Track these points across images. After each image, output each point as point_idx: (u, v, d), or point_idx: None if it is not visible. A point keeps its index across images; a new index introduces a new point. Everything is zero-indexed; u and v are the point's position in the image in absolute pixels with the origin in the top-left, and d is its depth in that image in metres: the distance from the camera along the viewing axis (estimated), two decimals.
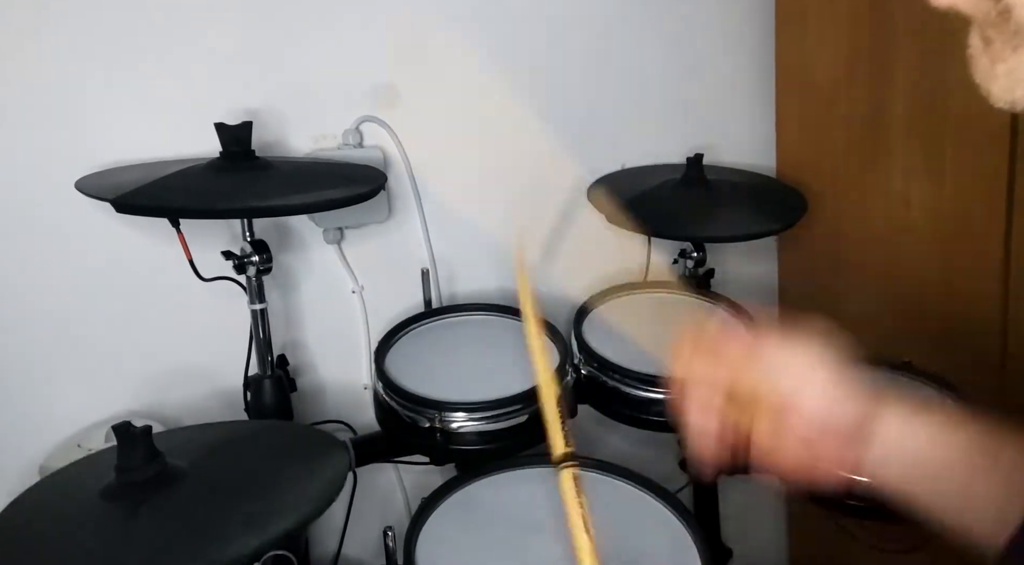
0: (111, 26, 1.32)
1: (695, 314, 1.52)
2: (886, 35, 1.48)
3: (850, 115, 1.58)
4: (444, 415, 1.23)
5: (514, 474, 1.24)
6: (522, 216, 1.65)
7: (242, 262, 1.30)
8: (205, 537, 0.88)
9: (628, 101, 1.68)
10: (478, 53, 1.55)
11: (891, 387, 0.72)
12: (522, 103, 1.60)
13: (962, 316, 1.47)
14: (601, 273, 1.72)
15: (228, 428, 1.22)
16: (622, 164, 1.69)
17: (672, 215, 1.50)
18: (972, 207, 1.41)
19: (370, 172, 1.37)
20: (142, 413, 1.39)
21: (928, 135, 1.45)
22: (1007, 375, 1.41)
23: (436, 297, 1.59)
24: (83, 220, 1.32)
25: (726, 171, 1.69)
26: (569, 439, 0.76)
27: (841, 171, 1.63)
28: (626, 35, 1.65)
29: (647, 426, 1.34)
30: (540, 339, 0.87)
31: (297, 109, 1.45)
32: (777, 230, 1.60)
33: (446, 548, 1.08)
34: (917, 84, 1.45)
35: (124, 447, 0.94)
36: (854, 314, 1.68)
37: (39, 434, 1.35)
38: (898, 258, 1.55)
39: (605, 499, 1.20)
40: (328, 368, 1.56)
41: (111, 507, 0.93)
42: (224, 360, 1.41)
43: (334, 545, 1.50)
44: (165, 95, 1.37)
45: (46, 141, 1.31)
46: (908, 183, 1.50)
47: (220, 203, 1.20)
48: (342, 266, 1.54)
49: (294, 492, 0.97)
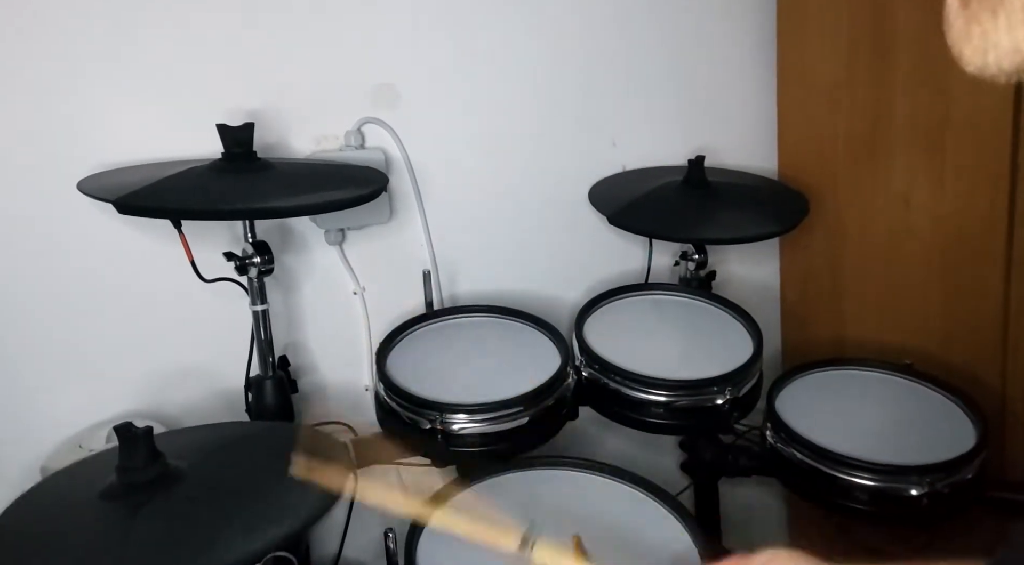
0: (112, 26, 1.32)
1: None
2: (887, 36, 1.48)
3: (851, 116, 1.58)
4: (445, 417, 1.23)
5: (515, 476, 1.24)
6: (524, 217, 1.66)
7: (244, 263, 1.30)
8: (206, 538, 0.89)
9: (629, 103, 1.68)
10: (479, 54, 1.56)
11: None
12: (523, 105, 1.61)
13: (963, 317, 1.47)
14: (602, 275, 1.72)
15: (229, 429, 1.22)
16: (623, 166, 1.69)
17: (673, 217, 1.50)
18: (973, 208, 1.41)
19: (372, 174, 1.37)
20: (143, 414, 1.39)
21: (929, 137, 1.45)
22: (1008, 375, 1.41)
23: (437, 298, 1.59)
24: (85, 221, 1.32)
25: (727, 173, 1.69)
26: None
27: (842, 173, 1.63)
28: (627, 37, 1.65)
29: (648, 428, 1.35)
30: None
31: (299, 110, 1.46)
32: (778, 232, 1.60)
33: (447, 550, 1.08)
34: (918, 85, 1.45)
35: (125, 448, 0.94)
36: (855, 315, 1.68)
37: (41, 434, 1.36)
38: (899, 259, 1.55)
39: (606, 501, 1.20)
40: (329, 369, 1.56)
41: (112, 508, 0.93)
42: (225, 361, 1.41)
43: (335, 546, 1.49)
44: (167, 96, 1.37)
45: (48, 142, 1.32)
46: (909, 184, 1.50)
47: (222, 204, 1.20)
48: (344, 267, 1.54)
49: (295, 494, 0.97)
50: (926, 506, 1.19)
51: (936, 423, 1.33)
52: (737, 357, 1.36)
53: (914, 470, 1.20)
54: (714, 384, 1.31)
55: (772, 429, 1.33)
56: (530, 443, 1.29)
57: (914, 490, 1.19)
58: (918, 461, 1.21)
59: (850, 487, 1.22)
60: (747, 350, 1.38)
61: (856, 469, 1.21)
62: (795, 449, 1.28)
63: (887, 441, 1.27)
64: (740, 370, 1.33)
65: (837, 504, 1.25)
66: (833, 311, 1.71)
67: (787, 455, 1.30)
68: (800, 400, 1.39)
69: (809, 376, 1.46)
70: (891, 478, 1.21)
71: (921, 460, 1.21)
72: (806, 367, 1.48)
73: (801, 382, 1.45)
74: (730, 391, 1.31)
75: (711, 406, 1.31)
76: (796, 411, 1.35)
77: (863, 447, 1.24)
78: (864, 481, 1.21)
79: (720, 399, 1.31)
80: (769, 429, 1.35)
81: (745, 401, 1.36)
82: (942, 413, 1.36)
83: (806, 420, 1.32)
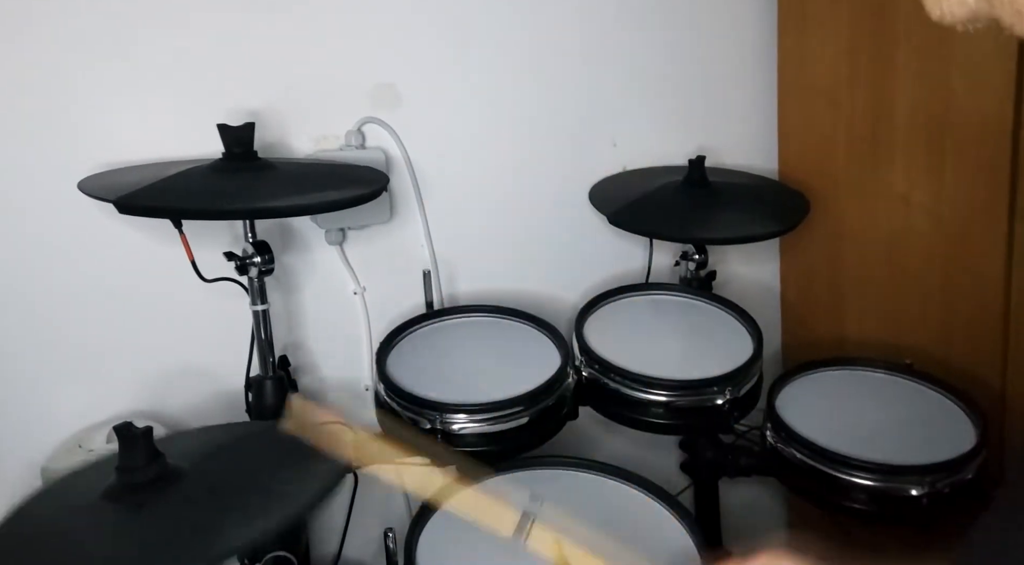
0: (113, 27, 1.32)
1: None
2: (887, 36, 1.48)
3: (852, 116, 1.58)
4: (445, 417, 1.23)
5: (515, 476, 1.24)
6: (524, 217, 1.66)
7: (244, 263, 1.30)
8: (206, 538, 0.89)
9: (630, 103, 1.68)
10: (479, 54, 1.56)
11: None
12: (524, 105, 1.61)
13: (964, 317, 1.47)
14: (602, 275, 1.72)
15: (229, 429, 1.22)
16: (623, 166, 1.69)
17: (674, 217, 1.50)
18: (974, 208, 1.41)
19: (372, 173, 1.37)
20: (143, 414, 1.39)
21: (930, 136, 1.45)
22: (1009, 375, 1.41)
23: (438, 298, 1.59)
24: (85, 221, 1.32)
25: (728, 173, 1.69)
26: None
27: (843, 172, 1.63)
28: (628, 37, 1.65)
29: (648, 428, 1.35)
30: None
31: (299, 110, 1.46)
32: (779, 232, 1.60)
33: (447, 550, 1.08)
34: (918, 85, 1.45)
35: (125, 448, 0.94)
36: (856, 315, 1.68)
37: (41, 435, 1.36)
38: (900, 259, 1.55)
39: (606, 501, 1.20)
40: (329, 369, 1.56)
41: (112, 508, 0.93)
42: (226, 361, 1.41)
43: (335, 546, 1.49)
44: (168, 96, 1.37)
45: (49, 142, 1.32)
46: (910, 184, 1.50)
47: (222, 204, 1.20)
48: (344, 267, 1.54)
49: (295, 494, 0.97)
50: (926, 506, 1.19)
51: (936, 423, 1.33)
52: (737, 357, 1.36)
53: (914, 470, 1.20)
54: (714, 384, 1.31)
55: (772, 429, 1.33)
56: (530, 443, 1.29)
57: (914, 490, 1.19)
58: (918, 461, 1.21)
59: (850, 487, 1.22)
60: (747, 350, 1.38)
61: (856, 469, 1.21)
62: (795, 449, 1.28)
63: (887, 441, 1.27)
64: (740, 370, 1.33)
65: (837, 504, 1.25)
66: (833, 311, 1.72)
67: (787, 455, 1.30)
68: (800, 400, 1.39)
69: (809, 376, 1.47)
70: (891, 478, 1.21)
71: (921, 460, 1.21)
72: (806, 367, 1.48)
73: (801, 382, 1.45)
74: (730, 391, 1.31)
75: (711, 406, 1.31)
76: (796, 411, 1.35)
77: (863, 447, 1.24)
78: (864, 481, 1.21)
79: (720, 399, 1.31)
80: (769, 429, 1.35)
81: (745, 401, 1.36)
82: (942, 413, 1.36)
83: (806, 420, 1.32)
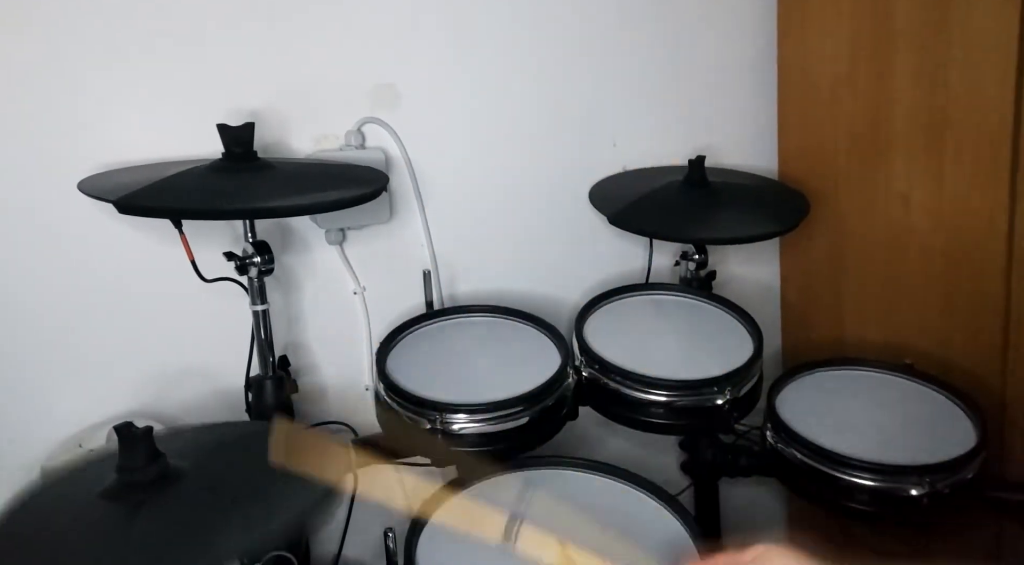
0: (113, 26, 1.32)
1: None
2: (887, 36, 1.48)
3: (851, 116, 1.58)
4: (445, 417, 1.23)
5: (515, 476, 1.24)
6: (524, 217, 1.66)
7: (244, 263, 1.30)
8: (206, 538, 0.88)
9: (629, 103, 1.68)
10: (479, 54, 1.56)
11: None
12: (524, 105, 1.61)
13: (964, 317, 1.47)
14: (603, 275, 1.72)
15: (229, 429, 1.22)
16: (623, 166, 1.69)
17: (674, 217, 1.50)
18: (973, 208, 1.41)
19: (372, 173, 1.37)
20: (143, 413, 1.40)
21: (929, 136, 1.45)
22: (1008, 375, 1.41)
23: (438, 298, 1.59)
24: (85, 221, 1.32)
25: (728, 173, 1.69)
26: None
27: (843, 172, 1.63)
28: (628, 37, 1.65)
29: (648, 428, 1.35)
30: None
31: (299, 110, 1.45)
32: (779, 232, 1.60)
33: (447, 549, 1.08)
34: (918, 85, 1.45)
35: (125, 448, 0.94)
36: (855, 315, 1.68)
37: (41, 434, 1.36)
38: (900, 259, 1.55)
39: (605, 501, 1.20)
40: (329, 369, 1.56)
41: (112, 507, 0.92)
42: (226, 361, 1.41)
43: (335, 546, 1.49)
44: (167, 96, 1.37)
45: (48, 142, 1.32)
46: (910, 184, 1.50)
47: (222, 204, 1.20)
48: (344, 267, 1.54)
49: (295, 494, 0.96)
50: (926, 506, 1.19)
51: (936, 423, 1.33)
52: (737, 357, 1.36)
53: (914, 470, 1.20)
54: (714, 384, 1.31)
55: (772, 429, 1.33)
56: (530, 443, 1.29)
57: (914, 490, 1.19)
58: (918, 461, 1.21)
59: (850, 487, 1.22)
60: (747, 350, 1.38)
61: (856, 469, 1.21)
62: (795, 449, 1.28)
63: (887, 441, 1.27)
64: (740, 370, 1.33)
65: (837, 504, 1.25)
66: (833, 311, 1.72)
67: (787, 455, 1.30)
68: (800, 400, 1.39)
69: (809, 376, 1.47)
70: (891, 478, 1.21)
71: (921, 460, 1.21)
72: (806, 367, 1.48)
73: (801, 382, 1.45)
74: (730, 391, 1.31)
75: (711, 406, 1.31)
76: (796, 411, 1.35)
77: (863, 447, 1.24)
78: (864, 481, 1.21)
79: (720, 399, 1.31)
80: (769, 429, 1.35)
81: (745, 401, 1.36)
82: (942, 413, 1.36)
83: (806, 420, 1.32)
